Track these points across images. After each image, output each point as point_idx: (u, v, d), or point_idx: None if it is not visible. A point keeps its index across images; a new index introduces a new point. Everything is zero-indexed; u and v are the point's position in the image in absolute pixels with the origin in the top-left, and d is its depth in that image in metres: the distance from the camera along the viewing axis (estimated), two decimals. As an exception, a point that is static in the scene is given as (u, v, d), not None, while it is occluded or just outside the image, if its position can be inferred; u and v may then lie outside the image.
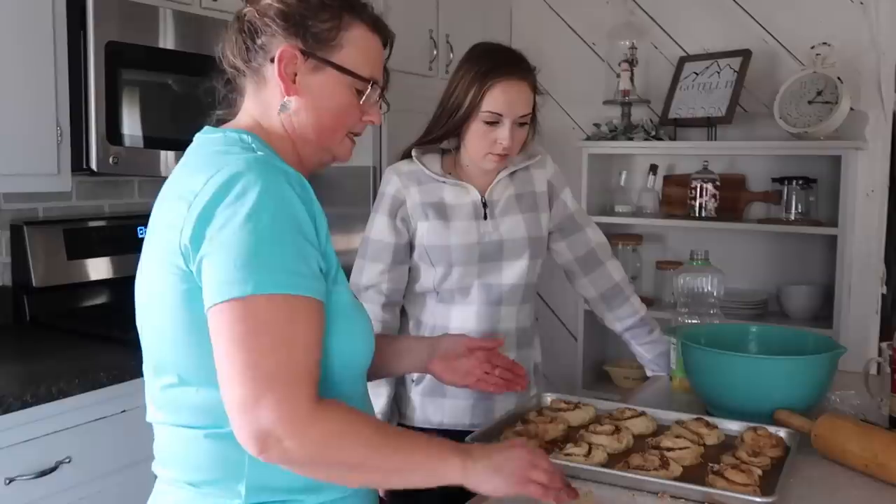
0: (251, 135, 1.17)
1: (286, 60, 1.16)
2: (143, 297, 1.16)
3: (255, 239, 1.01)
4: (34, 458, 1.81)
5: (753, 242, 3.34)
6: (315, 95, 1.18)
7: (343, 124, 1.22)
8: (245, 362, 0.99)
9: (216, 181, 1.05)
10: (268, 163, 1.09)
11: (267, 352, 1.00)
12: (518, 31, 3.79)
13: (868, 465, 1.36)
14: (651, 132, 3.34)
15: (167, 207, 1.12)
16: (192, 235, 1.04)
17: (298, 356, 1.02)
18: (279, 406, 0.98)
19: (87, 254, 2.52)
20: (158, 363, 1.14)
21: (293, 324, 1.02)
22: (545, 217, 1.97)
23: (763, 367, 1.61)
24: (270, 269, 1.01)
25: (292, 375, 1.00)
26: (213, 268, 1.02)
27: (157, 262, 1.10)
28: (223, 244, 1.02)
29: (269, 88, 1.19)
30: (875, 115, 3.10)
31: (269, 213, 1.03)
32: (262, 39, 1.18)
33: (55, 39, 2.14)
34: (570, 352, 3.56)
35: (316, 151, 1.23)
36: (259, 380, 0.99)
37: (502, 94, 1.80)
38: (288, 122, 1.19)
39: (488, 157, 1.84)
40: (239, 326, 1.00)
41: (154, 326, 1.13)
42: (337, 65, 1.18)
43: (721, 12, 3.36)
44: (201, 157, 1.14)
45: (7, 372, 1.96)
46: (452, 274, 1.87)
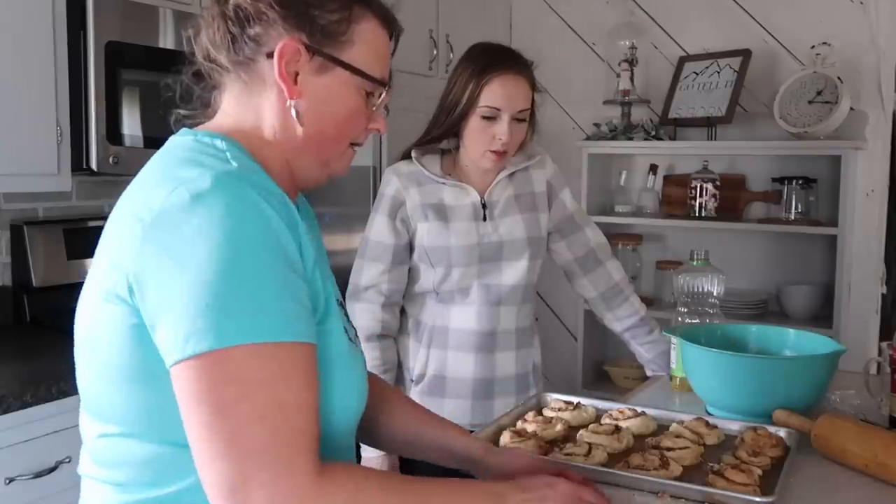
0: (227, 140, 0.97)
1: (288, 57, 0.97)
2: (83, 330, 0.97)
3: (230, 274, 0.82)
4: (34, 458, 1.81)
5: (753, 242, 3.34)
6: (319, 99, 0.99)
7: (347, 133, 1.04)
8: (226, 435, 0.80)
9: (177, 199, 0.86)
10: (241, 177, 0.89)
11: (253, 420, 0.81)
12: (518, 31, 3.79)
13: (868, 465, 1.36)
14: (651, 132, 3.34)
15: (119, 225, 0.92)
16: (144, 266, 0.85)
17: (292, 421, 0.83)
18: (274, 488, 0.80)
19: (87, 254, 2.51)
20: (96, 408, 0.96)
21: (283, 379, 0.83)
22: (544, 217, 1.97)
23: (763, 367, 1.61)
24: (251, 312, 0.82)
25: (287, 447, 0.82)
26: (173, 312, 0.82)
27: (102, 290, 0.91)
28: (186, 281, 0.82)
29: (261, 89, 1.00)
30: (875, 114, 3.10)
31: (244, 239, 0.84)
32: (256, 29, 0.98)
33: (55, 39, 2.14)
34: (570, 352, 3.56)
35: (313, 165, 1.04)
36: (246, 457, 0.80)
37: (500, 88, 1.81)
38: (284, 129, 1.00)
39: (487, 155, 1.84)
40: (213, 389, 0.81)
41: (93, 364, 0.95)
42: (347, 64, 1.00)
43: (721, 12, 3.36)
44: (164, 166, 0.95)
45: (7, 372, 1.96)
46: (452, 275, 1.87)
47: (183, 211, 0.85)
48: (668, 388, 1.92)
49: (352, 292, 1.92)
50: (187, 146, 0.97)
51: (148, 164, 0.99)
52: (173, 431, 0.87)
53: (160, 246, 0.85)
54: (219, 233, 0.83)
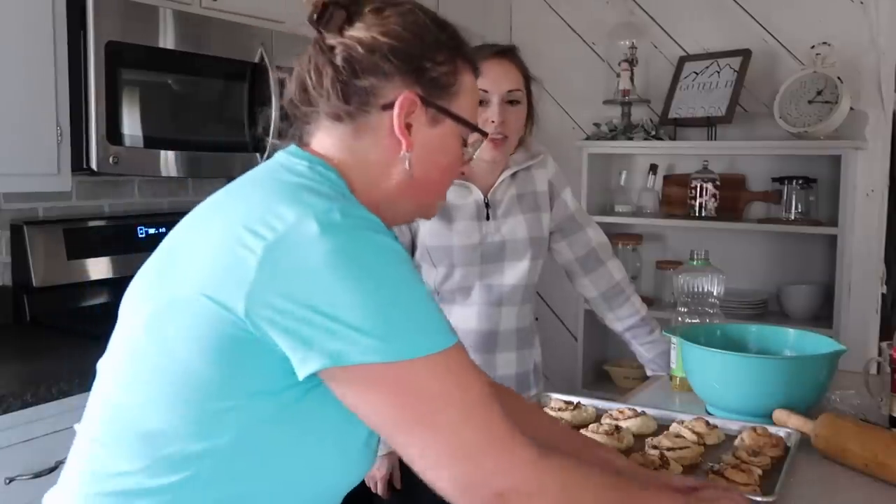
0: (340, 175, 0.98)
1: (407, 109, 0.98)
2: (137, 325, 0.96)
3: (385, 293, 0.86)
4: (34, 458, 1.81)
5: (753, 242, 3.34)
6: (430, 149, 1.01)
7: (449, 179, 1.07)
8: (443, 444, 0.87)
9: (310, 228, 0.86)
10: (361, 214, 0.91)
11: (461, 426, 0.88)
12: (518, 30, 3.79)
13: (868, 465, 1.36)
14: (651, 132, 3.34)
15: (223, 230, 0.91)
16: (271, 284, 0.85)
17: (490, 410, 0.90)
18: (508, 464, 0.88)
19: (87, 254, 2.52)
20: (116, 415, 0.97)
21: (465, 382, 0.89)
22: (546, 217, 1.97)
23: (763, 367, 1.61)
24: (415, 328, 0.87)
25: (498, 431, 0.89)
26: (332, 333, 0.84)
27: (190, 290, 0.90)
28: (341, 297, 0.84)
29: (371, 138, 1.00)
30: (875, 114, 3.10)
31: (381, 260, 0.88)
32: (371, 81, 0.98)
33: (55, 39, 2.14)
34: (570, 352, 3.56)
35: (409, 209, 1.06)
36: (472, 454, 0.87)
37: (484, 71, 1.81)
38: (389, 177, 1.01)
39: (485, 144, 1.83)
40: (409, 405, 0.87)
41: (138, 363, 0.95)
42: (456, 115, 1.02)
43: (721, 12, 3.36)
44: (283, 186, 0.94)
45: (7, 372, 1.96)
46: (454, 274, 1.87)
47: (315, 238, 0.85)
48: (668, 388, 1.92)
49: None
50: (304, 171, 0.96)
51: (258, 177, 0.99)
52: (209, 437, 0.90)
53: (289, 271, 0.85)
54: (355, 261, 0.85)
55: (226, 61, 2.45)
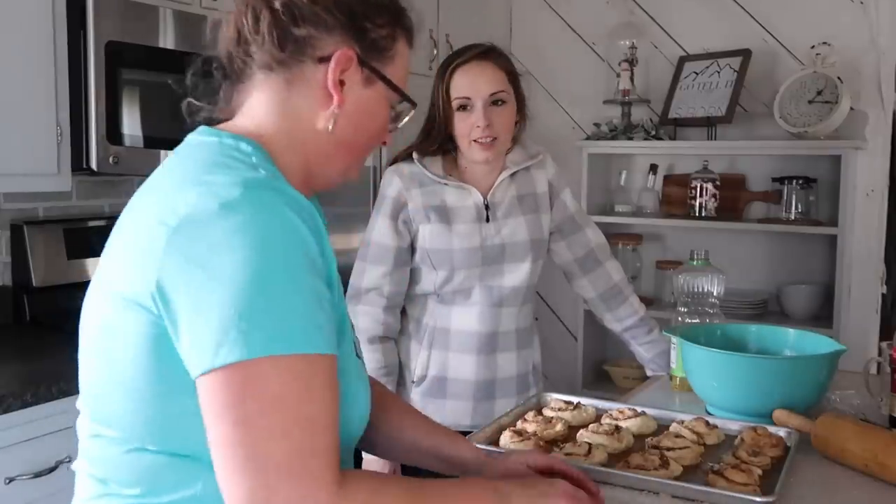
0: (252, 143, 0.96)
1: (343, 64, 0.97)
2: (92, 332, 0.94)
3: (258, 285, 0.81)
4: (34, 458, 1.81)
5: (753, 242, 3.34)
6: (359, 110, 1.00)
7: (373, 144, 1.06)
8: (249, 450, 0.79)
9: (205, 206, 0.84)
10: (270, 185, 0.89)
11: (278, 434, 0.80)
12: (518, 31, 3.79)
13: (868, 465, 1.36)
14: (651, 132, 3.34)
15: (139, 227, 0.90)
16: (169, 272, 0.83)
17: (316, 437, 0.81)
18: (298, 501, 0.80)
19: (87, 253, 2.52)
20: (95, 407, 0.95)
21: (308, 395, 0.81)
22: (546, 218, 1.97)
23: (763, 367, 1.61)
24: (279, 325, 0.81)
25: (310, 460, 0.81)
26: (201, 322, 0.81)
27: (120, 295, 0.88)
28: (215, 291, 0.81)
29: (302, 91, 0.98)
30: (875, 114, 3.10)
31: (274, 249, 0.83)
32: (310, 31, 0.96)
33: (55, 39, 2.14)
34: (570, 352, 3.56)
35: (335, 171, 1.04)
36: (268, 472, 0.79)
37: (463, 76, 1.83)
38: (320, 136, 0.99)
39: (474, 147, 1.84)
40: (240, 403, 0.80)
41: (103, 371, 0.92)
42: (390, 81, 1.01)
43: (721, 12, 3.36)
44: (188, 168, 0.93)
45: (7, 372, 1.96)
46: (454, 277, 1.87)
47: (212, 218, 0.83)
48: (668, 388, 1.92)
49: (353, 294, 1.91)
50: (212, 148, 0.95)
51: (168, 164, 0.98)
52: (176, 442, 0.87)
53: (188, 254, 0.83)
54: (249, 242, 0.82)
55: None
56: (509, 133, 1.88)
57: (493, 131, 1.82)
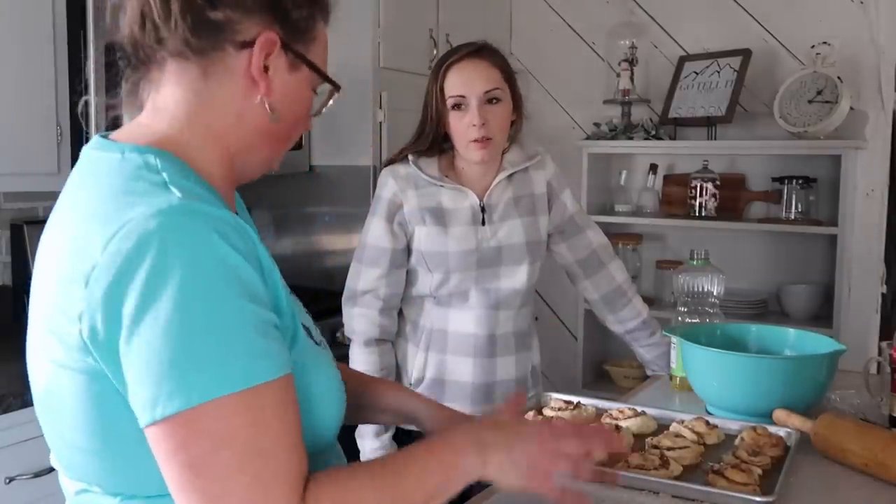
0: (161, 154, 0.86)
1: (267, 49, 0.90)
2: (39, 383, 0.90)
3: (188, 325, 0.76)
4: (34, 458, 1.81)
5: (753, 242, 3.34)
6: (286, 96, 0.93)
7: (298, 131, 0.99)
8: (206, 492, 0.77)
9: (120, 250, 0.77)
10: (186, 210, 0.80)
11: (232, 472, 0.77)
12: (518, 30, 3.79)
13: (868, 465, 1.36)
14: (651, 131, 3.34)
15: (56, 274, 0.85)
16: (97, 327, 0.78)
17: (273, 464, 0.79)
18: None
19: (87, 253, 2.52)
20: (70, 467, 0.91)
21: (259, 426, 0.78)
22: (544, 220, 1.95)
23: (763, 367, 1.61)
24: (219, 364, 0.77)
25: (271, 489, 0.78)
26: (138, 374, 0.77)
27: (53, 350, 0.84)
28: (144, 340, 0.76)
29: (221, 80, 0.90)
30: (875, 114, 3.10)
31: (200, 283, 0.77)
32: (227, 14, 0.88)
33: (55, 39, 2.14)
34: (570, 351, 3.56)
35: (260, 161, 0.98)
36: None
37: (456, 75, 1.82)
38: (242, 127, 0.93)
39: (470, 147, 1.82)
40: (188, 450, 0.76)
41: (59, 429, 0.89)
42: (314, 64, 0.96)
43: (721, 12, 3.36)
44: (94, 199, 0.84)
45: (7, 371, 1.96)
46: (450, 280, 1.86)
47: (129, 261, 0.77)
48: (668, 387, 1.92)
49: (348, 297, 1.90)
50: (115, 168, 0.86)
51: (71, 193, 0.90)
52: (150, 485, 0.84)
53: (109, 304, 0.77)
54: (171, 283, 0.76)
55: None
56: (505, 132, 1.87)
57: (488, 130, 1.80)
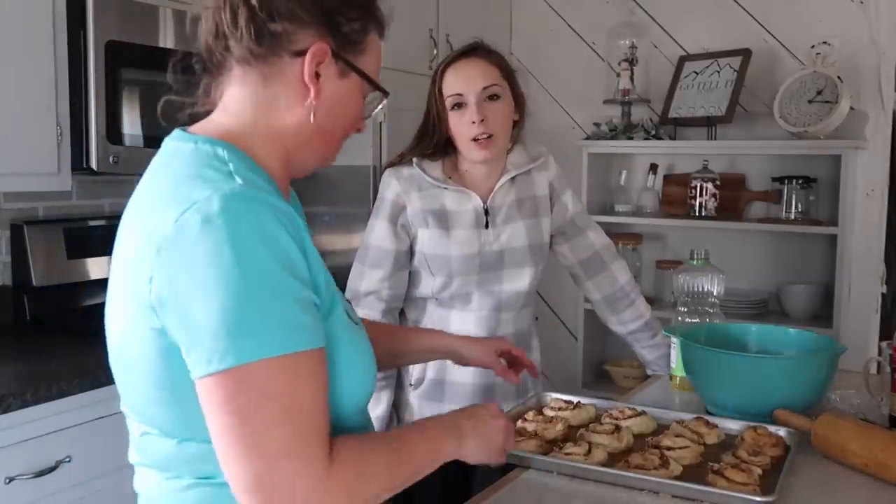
0: (228, 147, 0.99)
1: (318, 58, 1.01)
2: (114, 338, 1.03)
3: (243, 295, 0.87)
4: (34, 458, 1.81)
5: (753, 242, 3.34)
6: (334, 101, 1.04)
7: (349, 133, 1.11)
8: (250, 439, 0.88)
9: (189, 224, 0.89)
10: (247, 196, 0.92)
11: (273, 424, 0.89)
12: (518, 30, 3.79)
13: (868, 465, 1.36)
14: (651, 131, 3.34)
15: (134, 244, 0.97)
16: (163, 291, 0.90)
17: (309, 420, 0.91)
18: (299, 479, 0.89)
19: (87, 253, 2.52)
20: (136, 412, 1.03)
21: (298, 386, 0.90)
22: (546, 222, 1.95)
23: (763, 367, 1.61)
24: (265, 330, 0.88)
25: (305, 444, 0.90)
26: (196, 334, 0.89)
27: (128, 308, 0.97)
28: (205, 305, 0.88)
29: (280, 84, 1.02)
30: (875, 114, 3.10)
31: (255, 261, 0.89)
32: (285, 26, 1.00)
33: (55, 39, 2.14)
34: (570, 351, 3.56)
35: (313, 158, 1.10)
36: (269, 456, 0.88)
37: (454, 74, 1.82)
38: (298, 127, 1.04)
39: (472, 147, 1.82)
40: (236, 400, 0.88)
41: (129, 377, 1.01)
42: (363, 72, 1.06)
43: (721, 11, 3.36)
44: (169, 181, 0.98)
45: (7, 371, 1.96)
46: (452, 283, 1.85)
47: (194, 235, 0.89)
48: (668, 387, 1.92)
49: (351, 298, 1.89)
50: (188, 156, 0.99)
51: (150, 176, 1.02)
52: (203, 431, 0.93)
53: (175, 271, 0.89)
54: (230, 256, 0.88)
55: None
56: (507, 130, 1.86)
57: (488, 127, 1.79)
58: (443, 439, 1.12)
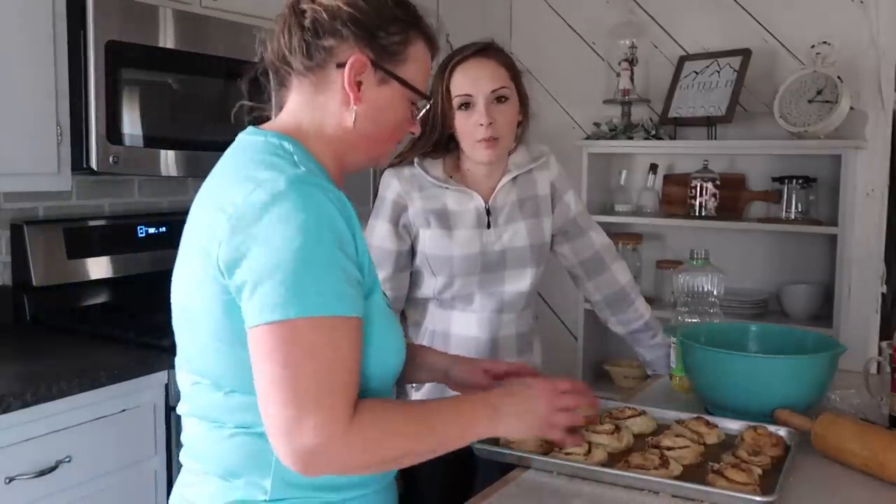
0: (292, 142, 1.15)
1: (357, 69, 1.15)
2: (179, 297, 1.16)
3: (300, 260, 1.01)
4: (34, 458, 1.81)
5: (753, 242, 3.34)
6: (377, 107, 1.18)
7: (396, 136, 1.24)
8: (288, 385, 1.01)
9: (258, 198, 1.04)
10: (309, 181, 1.07)
11: (310, 375, 1.01)
12: (518, 30, 3.79)
13: (868, 465, 1.36)
14: (651, 131, 3.34)
15: (207, 215, 1.11)
16: (231, 252, 1.04)
17: (340, 378, 1.03)
18: (323, 428, 1.00)
19: (87, 253, 2.52)
20: (191, 364, 1.16)
21: (336, 346, 1.03)
22: (547, 222, 1.94)
23: (763, 367, 1.61)
24: (315, 292, 1.02)
25: (334, 397, 1.02)
26: (256, 288, 1.02)
27: (197, 268, 1.10)
28: (266, 265, 1.02)
29: (328, 92, 1.17)
30: (875, 114, 3.10)
31: (312, 233, 1.03)
32: (331, 42, 1.15)
33: (55, 39, 2.14)
34: (570, 351, 3.56)
35: (362, 159, 1.23)
36: (302, 403, 1.00)
37: (463, 73, 1.81)
38: (346, 130, 1.18)
39: (477, 147, 1.80)
40: (282, 349, 1.01)
41: (190, 330, 1.14)
42: (402, 79, 1.19)
43: (721, 11, 3.36)
44: (241, 165, 1.13)
45: (7, 371, 1.96)
46: (454, 283, 1.85)
47: (262, 208, 1.03)
48: (668, 387, 1.92)
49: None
50: (259, 147, 1.14)
51: (224, 162, 1.17)
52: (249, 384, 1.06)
53: (245, 235, 1.03)
54: (292, 226, 1.02)
55: (226, 61, 2.45)
56: (512, 132, 1.85)
57: (495, 130, 1.78)
58: (475, 414, 1.16)
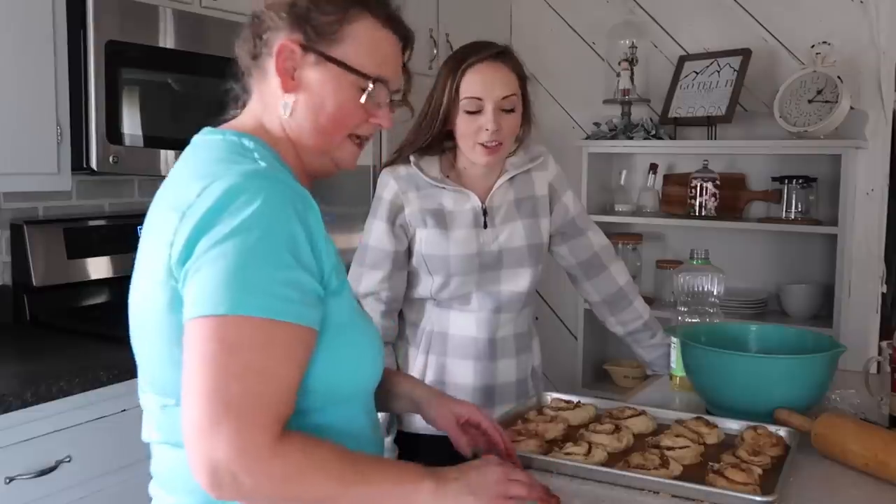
0: (253, 139, 1.11)
1: (285, 54, 1.11)
2: (137, 312, 1.09)
3: (240, 256, 0.95)
4: (34, 458, 1.81)
5: (753, 242, 3.34)
6: (313, 93, 1.11)
7: (343, 125, 1.14)
8: (209, 383, 0.92)
9: (211, 194, 0.99)
10: (267, 175, 1.02)
11: (234, 376, 0.92)
12: (518, 30, 3.79)
13: (868, 464, 1.36)
14: (651, 131, 3.34)
15: (160, 218, 1.06)
16: (182, 251, 0.98)
17: (270, 387, 0.94)
18: (236, 436, 0.90)
19: (87, 253, 2.52)
20: (155, 383, 1.08)
21: (268, 350, 0.95)
22: (545, 222, 1.94)
23: (763, 367, 1.61)
24: (252, 290, 0.95)
25: (256, 405, 0.92)
26: (195, 282, 0.97)
27: (151, 278, 1.04)
28: (209, 259, 0.96)
29: (269, 85, 1.13)
30: (875, 114, 3.10)
31: (260, 230, 0.96)
32: (267, 34, 1.13)
33: (55, 38, 2.14)
34: (570, 351, 3.56)
35: (316, 156, 1.15)
36: (220, 404, 0.91)
37: (477, 76, 1.77)
38: (286, 122, 1.13)
39: (478, 150, 1.79)
40: (209, 345, 0.93)
41: (150, 346, 1.07)
42: (336, 59, 1.11)
43: (721, 11, 3.36)
44: (198, 164, 1.08)
45: (7, 371, 1.96)
46: (451, 283, 1.85)
47: (214, 201, 0.98)
48: (668, 387, 1.92)
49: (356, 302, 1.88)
50: (216, 145, 1.10)
51: (179, 163, 1.12)
52: None
53: (194, 230, 0.97)
54: (244, 222, 0.96)
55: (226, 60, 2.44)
56: (513, 138, 1.84)
57: (500, 136, 1.78)
58: (419, 479, 1.02)
